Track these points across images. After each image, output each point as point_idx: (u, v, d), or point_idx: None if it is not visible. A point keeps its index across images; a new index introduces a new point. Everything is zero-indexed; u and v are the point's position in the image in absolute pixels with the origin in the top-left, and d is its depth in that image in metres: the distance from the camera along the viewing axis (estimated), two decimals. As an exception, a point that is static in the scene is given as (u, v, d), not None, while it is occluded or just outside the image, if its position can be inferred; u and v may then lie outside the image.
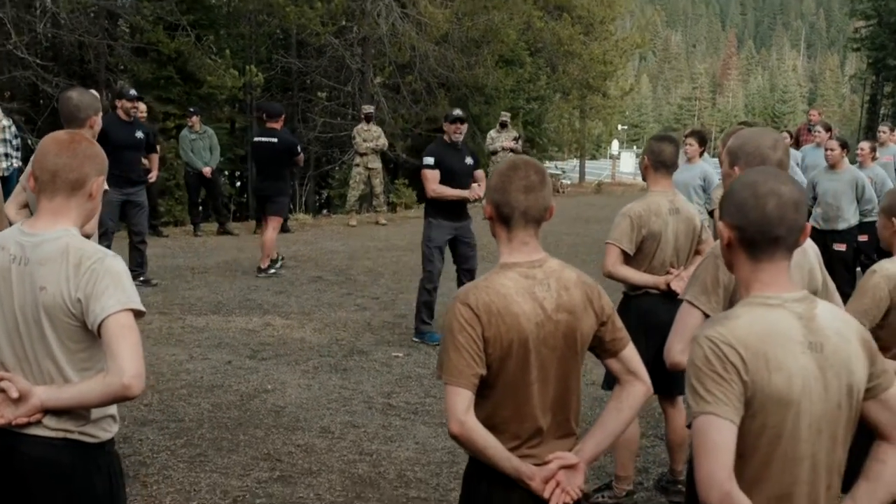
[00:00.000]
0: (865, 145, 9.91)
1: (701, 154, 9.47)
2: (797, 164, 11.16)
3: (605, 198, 24.96)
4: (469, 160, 8.36)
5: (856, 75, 62.34)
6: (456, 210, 8.26)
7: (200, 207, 15.62)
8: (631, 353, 2.83)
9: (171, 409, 6.36)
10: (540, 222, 2.77)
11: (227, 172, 26.11)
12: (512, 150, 17.04)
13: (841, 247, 9.13)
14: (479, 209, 10.54)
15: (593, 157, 58.19)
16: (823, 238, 8.85)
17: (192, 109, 15.04)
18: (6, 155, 11.38)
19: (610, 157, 53.76)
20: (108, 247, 7.73)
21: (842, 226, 9.14)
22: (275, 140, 10.90)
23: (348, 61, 25.23)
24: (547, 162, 37.02)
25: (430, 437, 6.03)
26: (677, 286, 4.86)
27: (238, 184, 28.57)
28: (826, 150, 9.36)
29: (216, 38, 24.58)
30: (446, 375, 2.66)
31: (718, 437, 2.10)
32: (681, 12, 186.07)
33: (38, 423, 2.69)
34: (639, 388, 2.81)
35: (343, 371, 7.42)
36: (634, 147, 75.50)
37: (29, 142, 16.88)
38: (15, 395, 2.65)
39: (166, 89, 23.12)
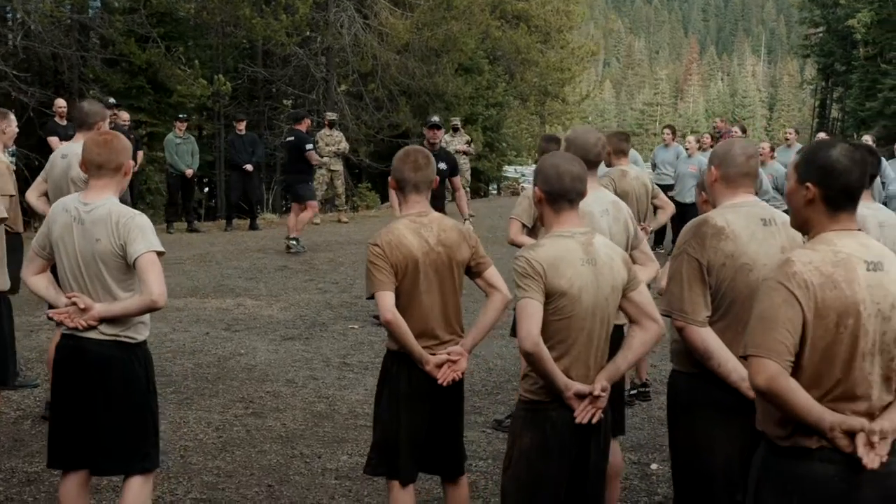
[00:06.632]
0: (766, 146, 11.34)
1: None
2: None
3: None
4: (442, 165, 8.77)
5: (807, 81, 64.22)
6: None
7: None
8: (492, 272, 4.10)
9: (160, 367, 7.36)
10: (429, 190, 4.06)
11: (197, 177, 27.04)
12: (465, 153, 18.25)
13: None
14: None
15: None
16: None
17: (181, 116, 16.65)
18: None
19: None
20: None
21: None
22: (292, 139, 13.58)
23: (313, 70, 26.37)
24: (507, 166, 38.45)
25: (378, 386, 7.26)
26: None
27: (206, 189, 29.43)
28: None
29: (185, 49, 25.66)
30: (376, 287, 3.91)
31: (533, 310, 3.37)
32: (644, 19, 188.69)
33: (96, 329, 3.95)
34: (497, 297, 4.07)
35: (306, 339, 8.65)
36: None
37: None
38: (82, 306, 3.92)
39: (138, 98, 24.16)
